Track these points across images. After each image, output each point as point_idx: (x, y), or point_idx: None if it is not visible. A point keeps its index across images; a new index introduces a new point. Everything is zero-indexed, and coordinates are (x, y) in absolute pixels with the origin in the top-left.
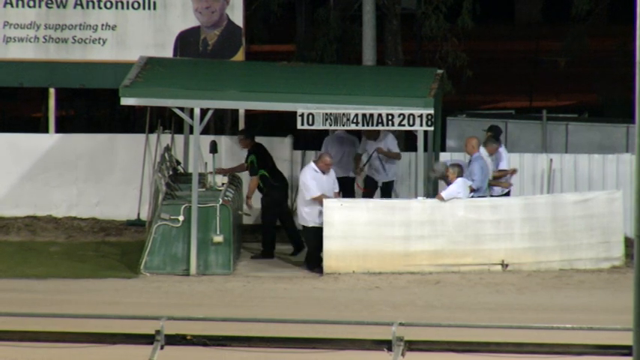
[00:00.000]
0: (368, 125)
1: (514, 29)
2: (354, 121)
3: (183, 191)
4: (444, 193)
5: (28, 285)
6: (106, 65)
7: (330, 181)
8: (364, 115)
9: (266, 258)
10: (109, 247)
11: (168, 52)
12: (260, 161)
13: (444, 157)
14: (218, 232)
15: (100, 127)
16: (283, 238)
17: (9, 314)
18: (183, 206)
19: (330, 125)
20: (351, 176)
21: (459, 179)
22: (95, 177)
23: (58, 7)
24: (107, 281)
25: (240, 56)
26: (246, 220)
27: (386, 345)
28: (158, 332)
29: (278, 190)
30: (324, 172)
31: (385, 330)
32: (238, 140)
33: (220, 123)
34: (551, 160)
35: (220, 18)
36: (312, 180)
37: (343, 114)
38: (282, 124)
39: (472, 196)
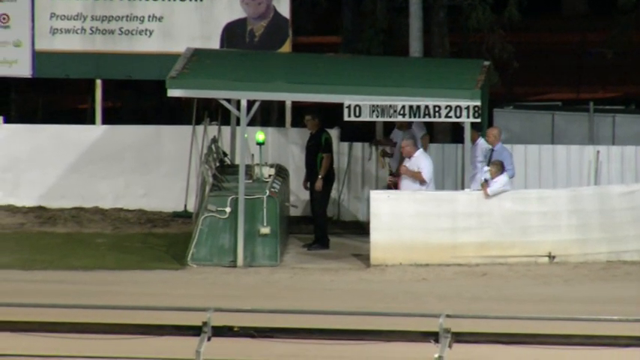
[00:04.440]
0: (415, 117)
1: (560, 21)
2: (401, 112)
3: (230, 183)
4: (489, 190)
5: (75, 276)
6: (153, 57)
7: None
8: (411, 107)
9: (322, 248)
10: (156, 239)
11: (214, 44)
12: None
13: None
14: (265, 224)
15: (146, 118)
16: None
17: (57, 306)
18: (230, 198)
19: (377, 117)
20: None
21: (502, 176)
22: (142, 168)
23: None
24: (154, 273)
25: (286, 48)
26: (294, 212)
27: (433, 337)
28: (205, 324)
29: (330, 179)
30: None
31: (432, 322)
32: (305, 121)
33: (267, 114)
34: (598, 152)
35: (267, 9)
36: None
37: (390, 106)
38: (328, 115)
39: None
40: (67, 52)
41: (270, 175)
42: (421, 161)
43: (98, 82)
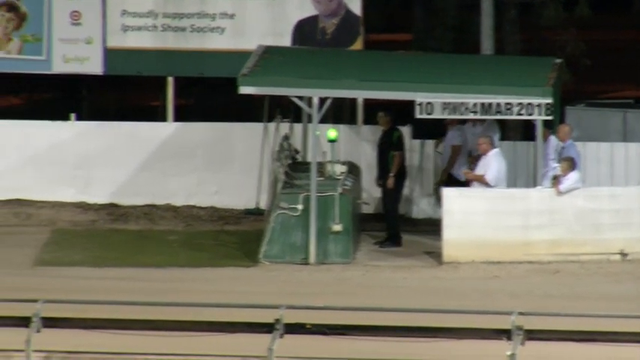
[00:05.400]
0: (486, 114)
1: (631, 18)
2: (473, 110)
3: (302, 180)
4: (561, 187)
5: (147, 274)
6: (224, 54)
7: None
8: (482, 105)
9: (394, 245)
10: (228, 236)
11: (286, 41)
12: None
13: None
14: (337, 221)
15: (218, 116)
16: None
17: (128, 303)
18: (302, 195)
19: (449, 114)
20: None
21: (573, 172)
22: (214, 166)
23: None
24: (226, 270)
25: (358, 45)
26: (365, 210)
27: (505, 334)
28: (278, 321)
29: (402, 177)
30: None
31: (504, 319)
32: (378, 118)
33: (339, 112)
34: None
35: (338, 7)
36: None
37: (462, 103)
38: (400, 113)
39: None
40: (138, 50)
41: (342, 173)
42: (492, 161)
43: (170, 79)
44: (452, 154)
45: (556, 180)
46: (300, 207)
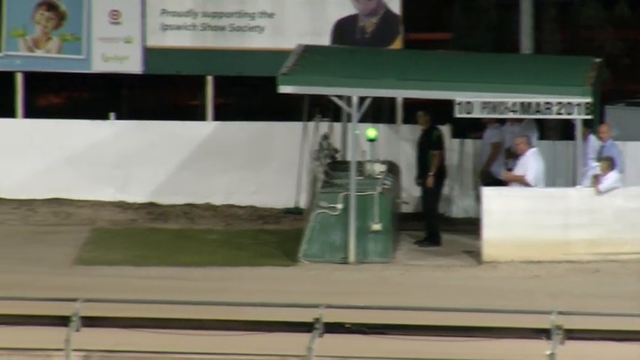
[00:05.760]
0: (526, 114)
1: None
2: (512, 109)
3: (342, 179)
4: (601, 186)
5: (186, 273)
6: (264, 53)
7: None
8: (522, 104)
9: (433, 245)
10: (267, 235)
11: (325, 40)
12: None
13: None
14: (376, 220)
15: (257, 115)
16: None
17: (168, 302)
18: (342, 194)
19: (488, 114)
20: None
21: (612, 172)
22: (253, 165)
23: None
24: (265, 269)
25: (397, 44)
26: (405, 209)
27: (544, 334)
28: (317, 320)
29: (441, 176)
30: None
31: (544, 319)
32: (417, 117)
33: (378, 111)
34: None
35: (378, 6)
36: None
37: (501, 102)
38: (440, 112)
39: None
40: (177, 49)
41: (381, 172)
42: (529, 161)
43: (209, 78)
44: (492, 151)
45: (595, 179)
46: (339, 206)
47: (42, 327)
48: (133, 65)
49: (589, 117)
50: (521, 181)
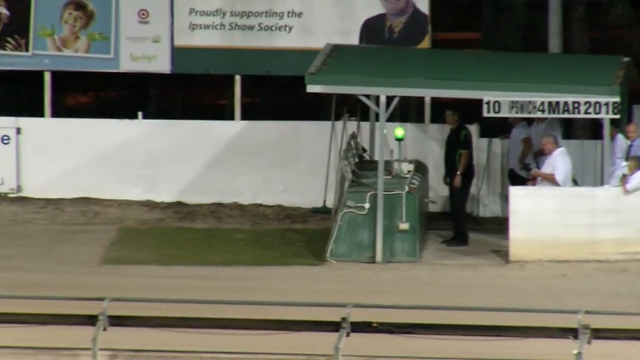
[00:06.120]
0: (553, 113)
1: None
2: (540, 109)
3: (369, 179)
4: (628, 186)
5: (214, 272)
6: (292, 52)
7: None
8: (550, 103)
9: (460, 244)
10: (295, 235)
11: (353, 40)
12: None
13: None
14: (404, 220)
15: (285, 114)
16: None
17: (195, 301)
18: (369, 194)
19: (517, 113)
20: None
21: (639, 172)
22: (281, 164)
23: None
24: (292, 268)
25: (425, 44)
26: (433, 208)
27: (572, 333)
28: (344, 319)
29: (469, 176)
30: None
31: (571, 318)
32: (445, 117)
33: (406, 110)
34: None
35: (406, 5)
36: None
37: (529, 102)
38: (468, 111)
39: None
40: (206, 48)
41: (409, 171)
42: (558, 160)
43: (237, 77)
44: (523, 147)
45: (623, 179)
46: (367, 205)
47: (69, 326)
48: (161, 64)
49: (617, 116)
50: (551, 180)
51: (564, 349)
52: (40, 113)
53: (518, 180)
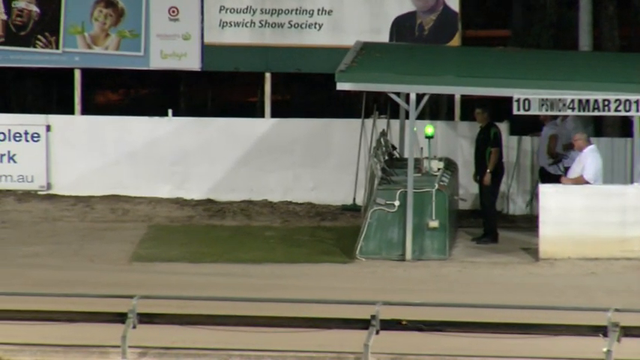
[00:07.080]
0: (584, 111)
1: None
2: (570, 106)
3: (399, 176)
4: None
5: (244, 269)
6: (322, 50)
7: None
8: (580, 101)
9: (490, 242)
10: (325, 232)
11: (383, 37)
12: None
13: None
14: (434, 217)
15: (315, 111)
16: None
17: (225, 299)
18: (399, 191)
19: (547, 111)
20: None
21: None
22: (311, 162)
23: None
24: (322, 266)
25: (455, 41)
26: (462, 206)
27: (601, 331)
28: (374, 317)
29: (499, 173)
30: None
31: (600, 316)
32: (475, 114)
33: (436, 108)
34: None
35: (436, 3)
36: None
37: (559, 99)
38: (498, 109)
39: None
40: (236, 46)
41: (439, 169)
42: (588, 158)
43: (267, 75)
44: (549, 142)
45: None
46: (396, 203)
47: (99, 323)
48: (191, 62)
49: None
50: (581, 182)
51: (594, 347)
52: (70, 111)
53: (548, 178)
